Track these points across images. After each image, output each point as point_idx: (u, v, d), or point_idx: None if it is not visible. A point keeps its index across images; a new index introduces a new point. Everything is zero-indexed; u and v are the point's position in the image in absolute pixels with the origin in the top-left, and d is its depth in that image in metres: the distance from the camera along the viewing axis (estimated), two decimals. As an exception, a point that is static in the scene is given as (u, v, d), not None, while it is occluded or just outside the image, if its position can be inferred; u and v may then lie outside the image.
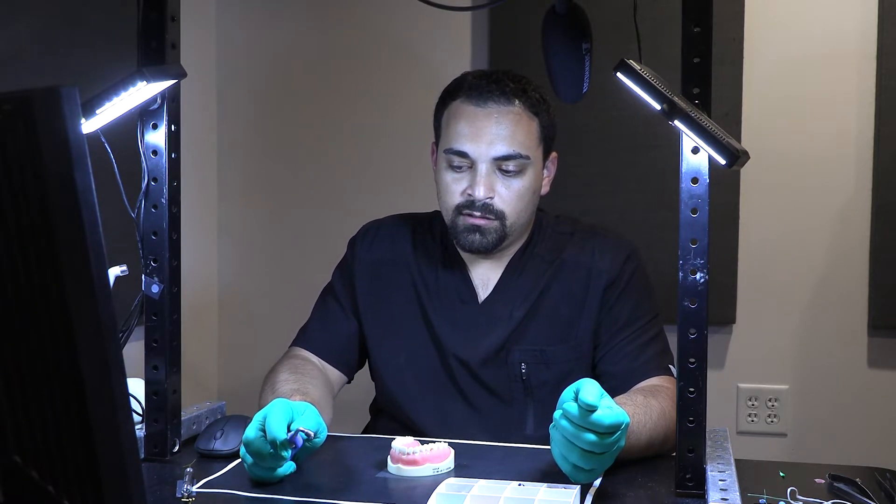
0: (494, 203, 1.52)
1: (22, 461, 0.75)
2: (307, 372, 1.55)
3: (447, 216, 1.57)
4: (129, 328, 1.42)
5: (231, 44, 2.49)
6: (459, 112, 1.53)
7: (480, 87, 1.52)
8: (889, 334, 2.20)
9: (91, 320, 0.63)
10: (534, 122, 1.53)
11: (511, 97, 1.51)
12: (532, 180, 1.54)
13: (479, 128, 1.50)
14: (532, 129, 1.53)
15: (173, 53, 1.38)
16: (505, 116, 1.51)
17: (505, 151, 1.50)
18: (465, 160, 1.52)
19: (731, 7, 2.19)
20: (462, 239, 1.55)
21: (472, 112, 1.51)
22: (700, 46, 1.20)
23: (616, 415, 1.14)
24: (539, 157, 1.56)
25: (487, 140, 1.50)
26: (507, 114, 1.51)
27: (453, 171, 1.54)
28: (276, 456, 1.22)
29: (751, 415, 2.27)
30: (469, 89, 1.53)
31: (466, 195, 1.52)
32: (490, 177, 1.51)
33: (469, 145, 1.51)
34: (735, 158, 1.14)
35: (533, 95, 1.54)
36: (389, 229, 1.70)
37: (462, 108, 1.53)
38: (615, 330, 1.56)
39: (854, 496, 1.20)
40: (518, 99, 1.52)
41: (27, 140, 0.64)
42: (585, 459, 1.17)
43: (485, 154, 1.50)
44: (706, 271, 1.19)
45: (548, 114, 1.56)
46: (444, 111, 1.57)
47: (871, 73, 2.16)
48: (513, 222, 1.54)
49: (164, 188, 1.39)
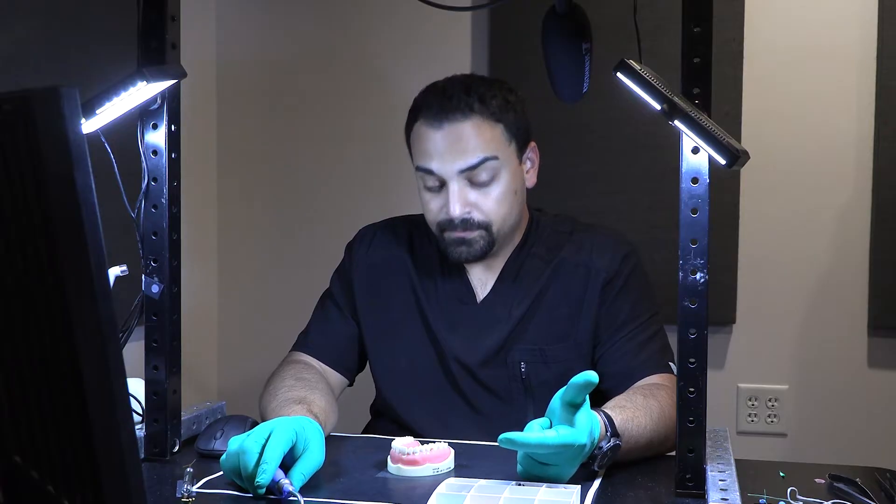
0: (474, 216, 1.52)
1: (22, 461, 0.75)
2: (310, 379, 1.54)
3: (434, 232, 1.58)
4: (129, 328, 1.41)
5: (231, 44, 2.49)
6: (420, 134, 1.54)
7: (434, 106, 1.51)
8: (889, 334, 2.20)
9: (91, 320, 0.63)
10: (497, 127, 1.52)
11: (466, 112, 1.50)
12: (509, 181, 1.54)
13: (440, 148, 1.50)
14: (496, 134, 1.52)
15: (173, 53, 1.38)
16: (463, 132, 1.49)
17: (470, 161, 1.49)
18: (435, 178, 1.52)
19: (731, 7, 2.19)
20: (451, 253, 1.55)
21: (431, 134, 1.51)
22: (700, 46, 1.20)
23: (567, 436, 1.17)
24: (512, 154, 1.55)
25: (451, 157, 1.50)
26: (465, 128, 1.50)
27: (428, 192, 1.55)
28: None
29: (751, 415, 2.27)
30: (426, 110, 1.52)
31: (444, 213, 1.53)
32: (463, 191, 1.51)
33: (434, 163, 1.51)
34: (735, 158, 1.14)
35: (491, 103, 1.51)
36: (386, 232, 1.70)
37: (421, 130, 1.53)
38: (614, 328, 1.56)
39: (854, 496, 1.20)
40: (472, 111, 1.50)
41: (27, 140, 0.64)
42: (542, 467, 1.21)
43: (450, 170, 1.50)
44: (706, 271, 1.19)
45: (513, 113, 1.54)
46: (410, 131, 1.58)
47: (871, 73, 2.16)
48: (499, 228, 1.54)
49: (164, 188, 1.38)
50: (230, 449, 1.23)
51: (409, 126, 1.58)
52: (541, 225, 1.65)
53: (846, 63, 2.18)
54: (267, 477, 1.17)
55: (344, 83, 2.42)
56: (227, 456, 1.24)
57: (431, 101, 1.52)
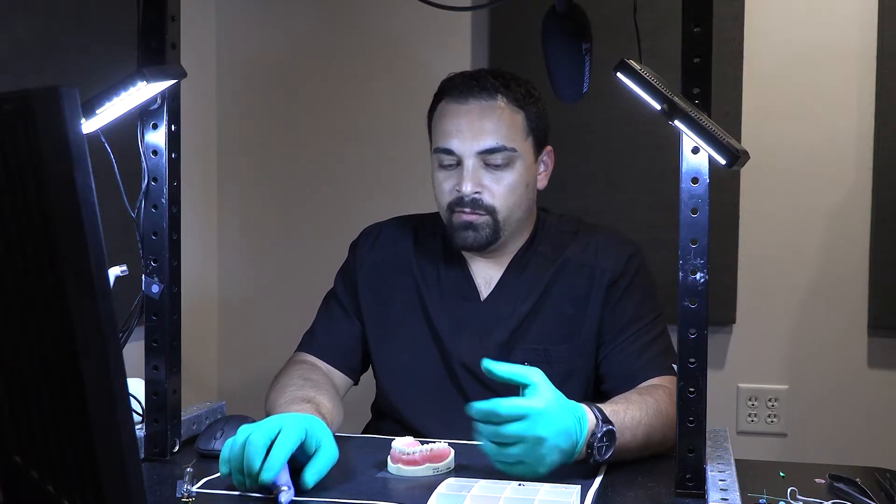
0: (483, 198, 1.53)
1: (22, 461, 0.75)
2: (317, 380, 1.55)
3: (443, 216, 1.59)
4: (129, 328, 1.41)
5: (231, 44, 2.49)
6: (444, 111, 1.56)
7: (462, 84, 1.55)
8: (889, 334, 2.20)
9: (91, 320, 0.63)
10: (518, 115, 1.54)
11: (492, 92, 1.53)
12: (522, 174, 1.55)
13: (462, 124, 1.52)
14: (516, 121, 1.54)
15: (173, 53, 1.38)
16: (487, 111, 1.52)
17: (489, 145, 1.51)
18: (453, 157, 1.54)
19: (731, 7, 2.19)
20: (456, 237, 1.56)
21: (455, 110, 1.54)
22: (700, 46, 1.20)
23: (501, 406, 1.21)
24: (528, 149, 1.56)
25: (471, 135, 1.52)
26: (489, 108, 1.52)
27: (443, 170, 1.56)
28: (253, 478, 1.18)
29: (751, 415, 2.27)
30: (452, 89, 1.56)
31: (456, 192, 1.54)
32: (477, 172, 1.52)
33: (454, 142, 1.53)
34: (735, 158, 1.14)
35: (517, 90, 1.55)
36: (390, 231, 1.70)
37: (446, 107, 1.56)
38: (618, 329, 1.56)
39: (854, 496, 1.20)
40: (500, 93, 1.54)
41: (27, 140, 0.64)
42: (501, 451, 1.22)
43: (469, 149, 1.52)
44: (706, 271, 1.19)
45: (535, 107, 1.57)
46: (433, 114, 1.60)
47: (871, 73, 2.16)
48: (505, 217, 1.54)
49: (164, 188, 1.38)
50: (237, 438, 1.20)
51: (432, 108, 1.60)
52: (547, 224, 1.65)
53: (846, 63, 2.18)
54: (271, 476, 1.16)
55: (344, 83, 2.42)
56: (231, 444, 1.20)
57: (458, 81, 1.57)
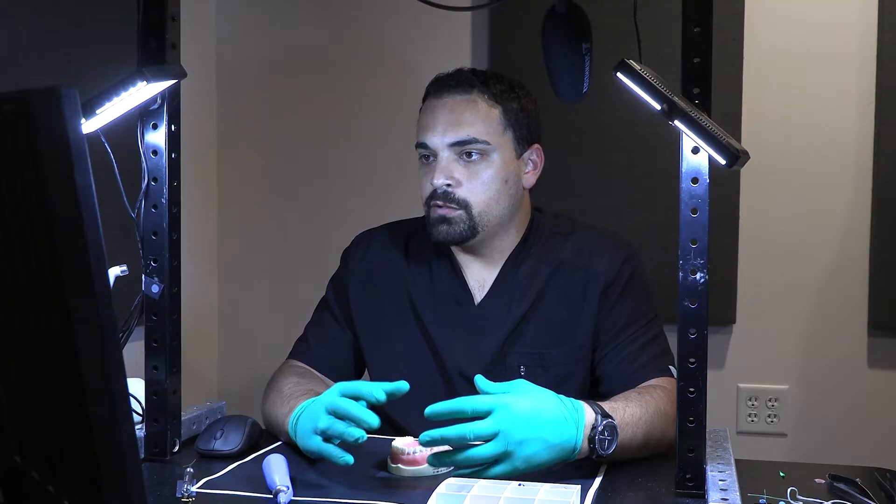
0: (456, 192, 1.53)
1: (22, 461, 0.75)
2: (313, 378, 1.56)
3: (424, 212, 1.59)
4: (129, 328, 1.42)
5: (231, 44, 2.49)
6: (423, 110, 1.59)
7: (440, 82, 1.57)
8: (889, 334, 2.20)
9: (91, 320, 0.63)
10: (495, 109, 1.54)
11: (468, 87, 1.55)
12: (499, 168, 1.54)
13: (437, 118, 1.54)
14: (492, 115, 1.54)
15: (173, 53, 1.38)
16: (460, 104, 1.54)
17: (460, 137, 1.52)
18: (429, 151, 1.55)
19: (731, 7, 2.19)
20: (432, 231, 1.56)
21: (432, 105, 1.56)
22: (700, 46, 1.20)
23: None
24: (506, 144, 1.55)
25: (443, 129, 1.53)
26: (463, 102, 1.54)
27: (423, 166, 1.58)
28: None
29: (751, 415, 2.27)
30: (432, 87, 1.59)
31: (430, 185, 1.54)
32: (449, 164, 1.53)
33: (428, 135, 1.54)
34: (735, 158, 1.14)
35: (495, 86, 1.55)
36: (382, 239, 1.69)
37: (426, 105, 1.59)
38: (614, 332, 1.55)
39: (854, 496, 1.20)
40: (476, 88, 1.55)
41: (27, 140, 0.64)
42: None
43: (440, 142, 1.53)
44: (706, 271, 1.19)
45: (516, 103, 1.57)
46: (420, 113, 1.62)
47: (871, 73, 2.16)
48: (480, 211, 1.54)
49: (164, 188, 1.39)
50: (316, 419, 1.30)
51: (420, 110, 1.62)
52: (540, 225, 1.64)
53: (846, 63, 2.18)
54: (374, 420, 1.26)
55: (344, 83, 2.42)
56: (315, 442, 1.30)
57: (440, 78, 1.59)
